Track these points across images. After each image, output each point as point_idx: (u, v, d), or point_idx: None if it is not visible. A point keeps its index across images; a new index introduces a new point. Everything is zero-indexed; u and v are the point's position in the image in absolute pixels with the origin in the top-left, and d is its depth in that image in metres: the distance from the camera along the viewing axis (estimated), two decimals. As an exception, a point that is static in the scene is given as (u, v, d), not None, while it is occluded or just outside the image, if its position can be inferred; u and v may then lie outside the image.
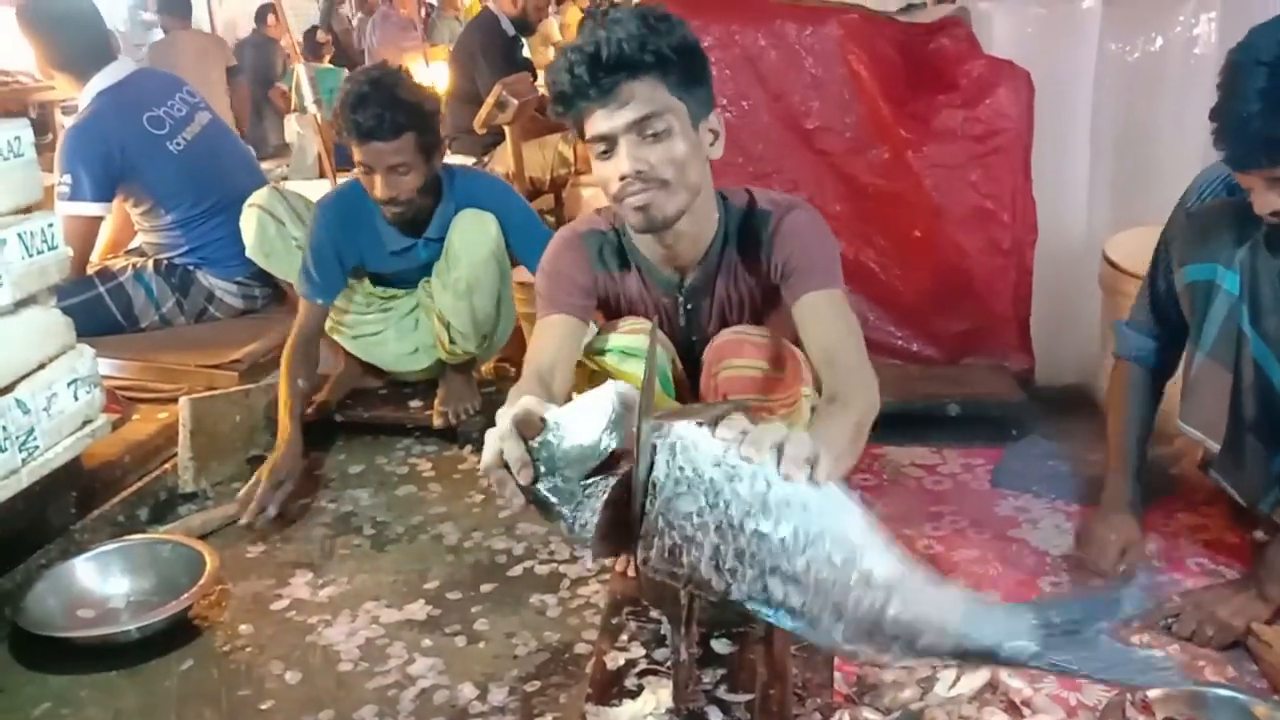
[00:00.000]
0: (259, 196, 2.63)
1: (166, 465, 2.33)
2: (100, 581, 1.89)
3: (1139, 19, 2.70)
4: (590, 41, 1.48)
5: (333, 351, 2.74)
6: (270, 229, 2.60)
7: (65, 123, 2.97)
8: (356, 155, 2.35)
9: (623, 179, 1.51)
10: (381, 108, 2.27)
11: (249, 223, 2.61)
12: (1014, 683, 1.55)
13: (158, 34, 11.22)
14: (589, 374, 1.68)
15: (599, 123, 1.51)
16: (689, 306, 1.74)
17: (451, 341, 2.51)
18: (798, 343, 1.65)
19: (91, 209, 2.70)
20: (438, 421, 2.55)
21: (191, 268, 2.86)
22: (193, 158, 2.82)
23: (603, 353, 1.68)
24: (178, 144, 2.80)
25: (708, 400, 1.69)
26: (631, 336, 1.68)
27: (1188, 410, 1.81)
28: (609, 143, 1.52)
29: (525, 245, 2.47)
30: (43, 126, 5.80)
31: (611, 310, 1.77)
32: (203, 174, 2.84)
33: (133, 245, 3.02)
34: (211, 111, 3.02)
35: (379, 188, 2.36)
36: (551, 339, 1.63)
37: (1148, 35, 2.68)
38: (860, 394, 1.46)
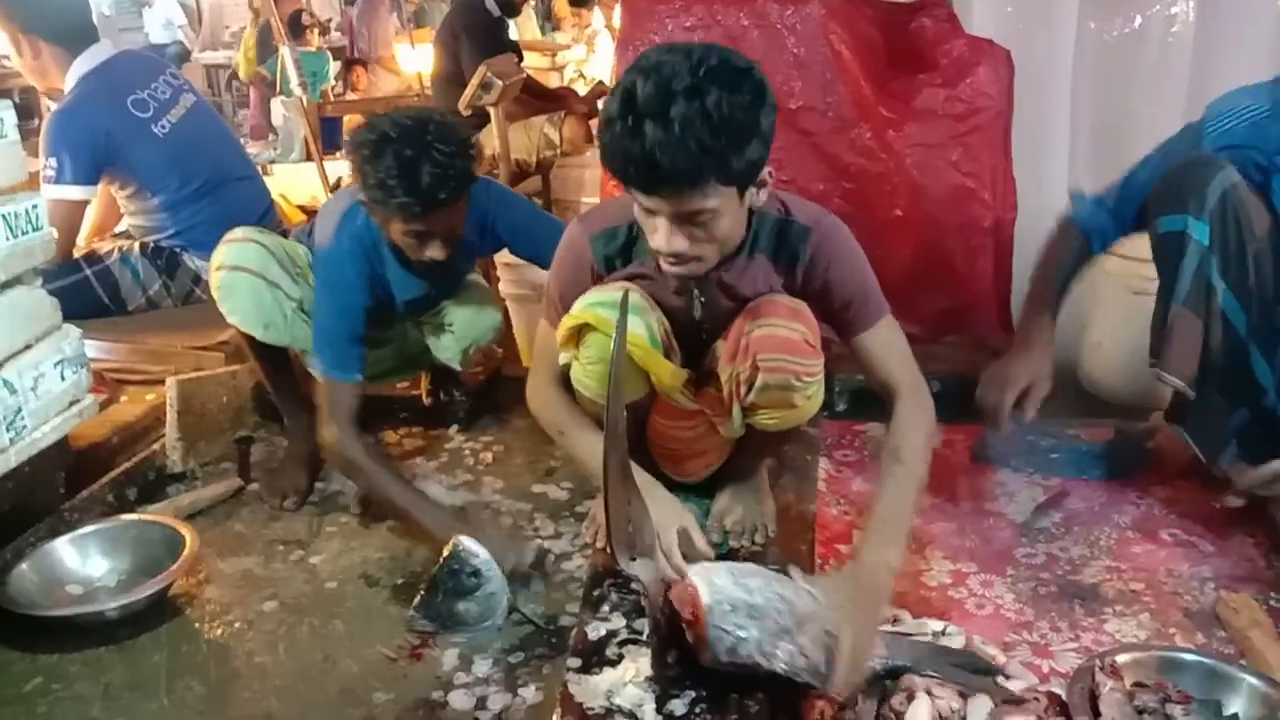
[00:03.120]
0: (247, 258, 2.16)
1: (154, 446, 2.34)
2: (82, 561, 1.90)
3: (1117, -2, 2.72)
4: (650, 140, 1.37)
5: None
6: (266, 297, 2.15)
7: (50, 106, 2.94)
8: (403, 227, 1.98)
9: (659, 248, 1.53)
10: (438, 169, 1.90)
11: (239, 291, 2.15)
12: (988, 649, 1.58)
13: (150, 15, 11.22)
14: (575, 328, 1.70)
15: (642, 199, 1.49)
16: (703, 300, 1.75)
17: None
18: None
19: (76, 193, 2.68)
20: (427, 400, 2.57)
21: (178, 250, 2.86)
22: (178, 140, 2.81)
23: (590, 306, 1.69)
24: (162, 126, 2.79)
25: (730, 360, 1.72)
26: (615, 290, 1.66)
27: (1166, 360, 1.83)
28: (652, 212, 1.51)
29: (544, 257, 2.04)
30: (28, 111, 5.79)
31: None
32: (188, 156, 2.82)
33: (119, 229, 3.02)
34: (196, 93, 3.01)
35: (433, 250, 2.02)
36: (552, 355, 1.78)
37: (1126, 14, 2.71)
38: (920, 430, 1.65)
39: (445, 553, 1.75)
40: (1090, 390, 2.60)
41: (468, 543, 1.74)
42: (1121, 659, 1.49)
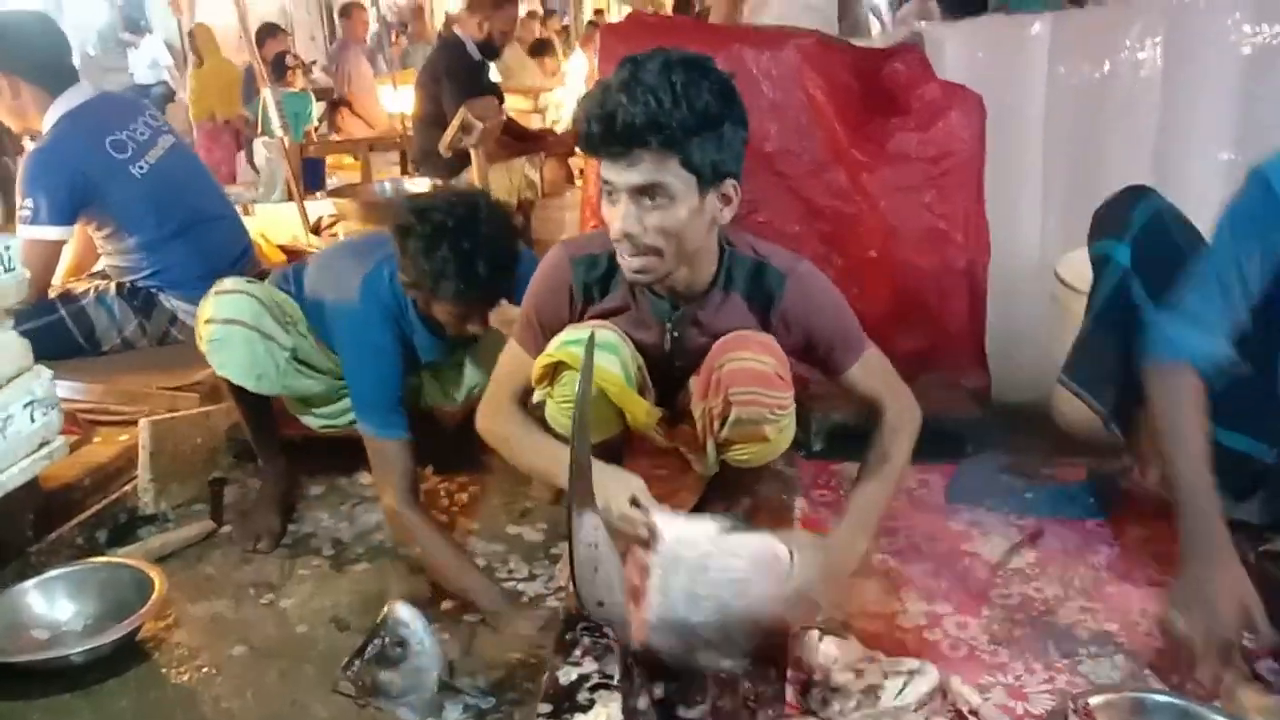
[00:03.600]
0: (240, 311, 2.14)
1: (127, 487, 2.32)
2: (48, 606, 1.88)
3: (1086, 43, 2.77)
4: (611, 102, 1.47)
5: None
6: (260, 349, 2.13)
7: (29, 146, 2.94)
8: (450, 309, 2.02)
9: (616, 233, 1.57)
10: (495, 260, 1.95)
11: (233, 344, 2.12)
12: (963, 690, 1.58)
13: (136, 55, 11.27)
14: (552, 365, 1.71)
15: (606, 170, 1.55)
16: (675, 334, 1.77)
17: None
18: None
19: (53, 233, 2.68)
20: None
21: (154, 290, 2.85)
22: (156, 181, 2.81)
23: (566, 344, 1.70)
24: (140, 167, 2.79)
25: (702, 397, 1.74)
26: (588, 329, 1.68)
27: (1076, 370, 1.97)
28: (612, 190, 1.56)
29: None
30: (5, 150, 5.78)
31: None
32: (166, 197, 2.82)
33: (95, 268, 3.01)
34: (175, 134, 3.02)
35: (474, 325, 2.07)
36: (514, 378, 1.80)
37: (1094, 59, 2.75)
38: (901, 431, 1.74)
39: (379, 617, 1.71)
40: (1064, 429, 2.61)
41: (401, 611, 1.68)
42: (1095, 701, 1.48)
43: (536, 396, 1.76)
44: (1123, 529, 2.13)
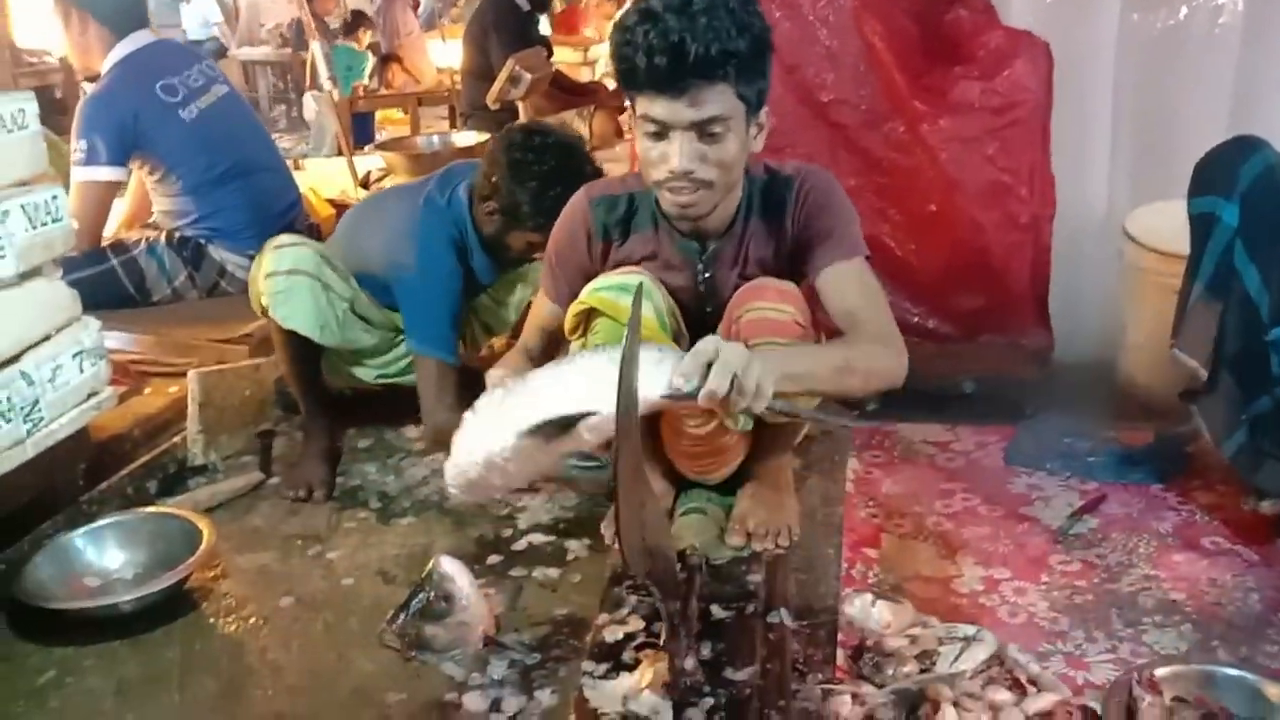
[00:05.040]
0: (302, 261, 2.15)
1: (176, 439, 2.33)
2: (99, 554, 1.89)
3: (1162, -11, 2.64)
4: (676, 31, 1.41)
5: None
6: (322, 299, 2.15)
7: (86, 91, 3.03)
8: (524, 235, 2.12)
9: (671, 173, 1.52)
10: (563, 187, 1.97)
11: (298, 294, 2.13)
12: (1020, 657, 1.53)
13: (188, 10, 11.34)
14: (585, 311, 1.68)
15: (659, 109, 1.49)
16: (707, 275, 1.73)
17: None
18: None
19: (105, 174, 2.74)
20: None
21: (203, 240, 2.87)
22: (205, 126, 2.84)
23: (598, 290, 1.68)
24: (190, 112, 2.83)
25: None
26: (625, 276, 1.68)
27: (1183, 340, 1.81)
28: (662, 128, 1.50)
29: None
30: (63, 107, 5.86)
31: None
32: (214, 142, 2.86)
33: (150, 220, 3.04)
34: (230, 86, 3.06)
35: (539, 252, 2.07)
36: (544, 325, 1.79)
37: (1170, 6, 2.62)
38: (869, 346, 1.52)
39: (424, 571, 1.69)
40: (1130, 392, 2.53)
41: (446, 565, 1.66)
42: (1160, 672, 1.43)
43: (573, 347, 1.73)
44: (1189, 495, 2.05)
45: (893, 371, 1.53)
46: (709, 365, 1.30)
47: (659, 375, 1.35)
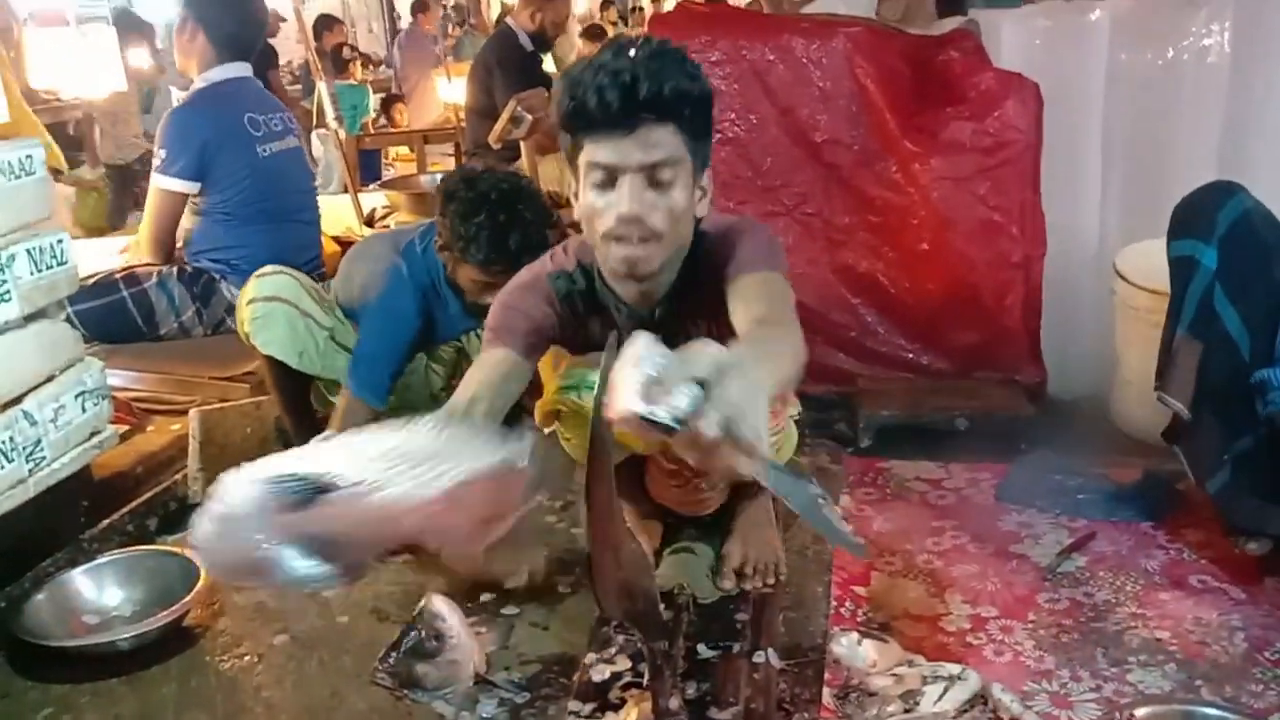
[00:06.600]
0: (281, 289, 2.28)
1: (177, 476, 2.36)
2: (98, 592, 1.92)
3: (1149, 30, 2.68)
4: (627, 70, 1.39)
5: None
6: (300, 326, 2.27)
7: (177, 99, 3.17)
8: (477, 276, 2.14)
9: (619, 219, 1.46)
10: (525, 237, 2.06)
11: (275, 320, 2.25)
12: (1004, 697, 1.54)
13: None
14: (555, 414, 1.69)
15: (606, 153, 1.44)
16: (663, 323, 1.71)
17: None
18: None
19: (177, 185, 2.86)
20: None
21: (217, 276, 2.92)
22: (271, 167, 2.96)
23: (571, 389, 1.66)
24: (265, 150, 2.95)
25: None
26: (573, 375, 1.66)
27: (1167, 383, 1.83)
28: (610, 175, 1.46)
29: None
30: (78, 143, 5.94)
31: (578, 348, 1.72)
32: (272, 185, 2.97)
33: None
34: (300, 140, 3.21)
35: (489, 298, 1.98)
36: (483, 373, 1.57)
37: (1158, 46, 2.65)
38: (791, 328, 1.41)
39: (415, 609, 1.70)
40: (1122, 429, 2.54)
41: (438, 604, 1.67)
42: (1142, 712, 1.44)
43: (547, 431, 1.74)
44: (1178, 533, 2.06)
45: (797, 364, 1.35)
46: (698, 385, 1.00)
47: (634, 379, 1.02)
